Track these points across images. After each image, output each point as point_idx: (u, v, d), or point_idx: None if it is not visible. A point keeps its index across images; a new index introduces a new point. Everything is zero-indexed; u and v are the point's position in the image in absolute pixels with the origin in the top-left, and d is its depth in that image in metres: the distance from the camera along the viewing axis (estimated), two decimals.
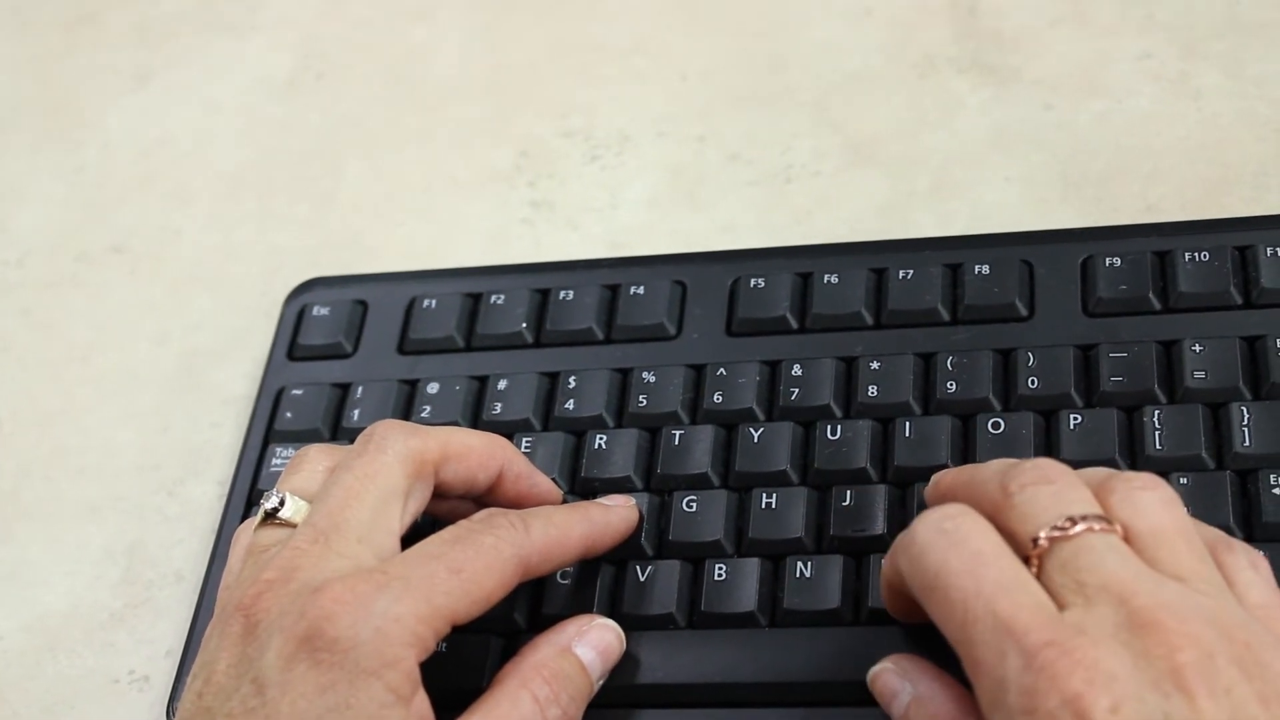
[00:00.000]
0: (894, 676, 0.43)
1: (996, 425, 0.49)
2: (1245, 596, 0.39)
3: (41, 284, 0.69)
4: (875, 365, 0.52)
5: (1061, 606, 0.38)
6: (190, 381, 0.64)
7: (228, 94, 0.74)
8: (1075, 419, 0.49)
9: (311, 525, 0.44)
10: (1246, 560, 0.40)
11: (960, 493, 0.43)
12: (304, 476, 0.47)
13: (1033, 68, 0.64)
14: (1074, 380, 0.50)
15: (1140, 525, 0.40)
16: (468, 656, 0.48)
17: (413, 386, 0.56)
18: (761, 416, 0.52)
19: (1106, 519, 0.39)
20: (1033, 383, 0.50)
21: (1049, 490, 0.40)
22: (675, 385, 0.53)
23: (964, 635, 0.38)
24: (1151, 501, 0.40)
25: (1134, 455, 0.48)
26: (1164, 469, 0.47)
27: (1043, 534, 0.39)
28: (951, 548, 0.39)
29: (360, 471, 0.45)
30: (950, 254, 0.54)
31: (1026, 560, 0.39)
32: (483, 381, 0.56)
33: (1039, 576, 0.39)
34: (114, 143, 0.73)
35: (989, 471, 0.42)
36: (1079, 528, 0.39)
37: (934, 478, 0.46)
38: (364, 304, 0.59)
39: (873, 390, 0.51)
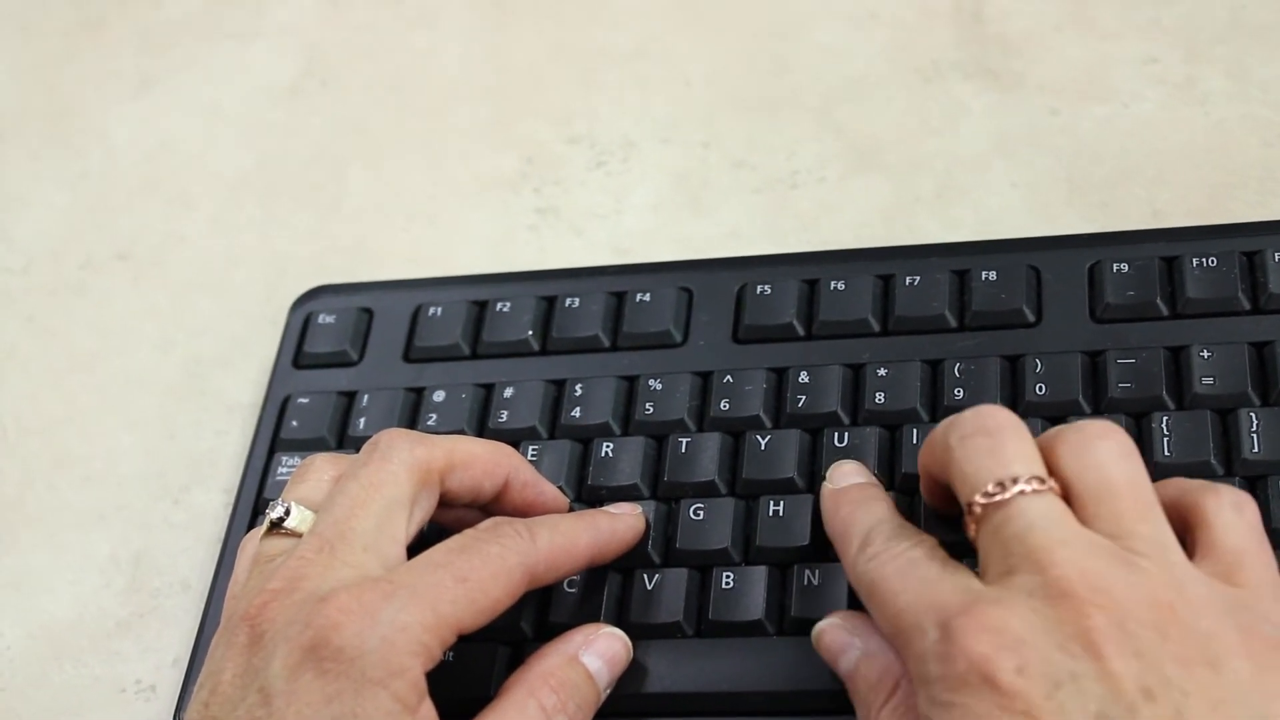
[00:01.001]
0: (842, 632, 0.44)
1: None
2: (1219, 541, 0.39)
3: (45, 291, 0.69)
4: (882, 372, 0.52)
5: (988, 574, 0.39)
6: (195, 389, 0.64)
7: (231, 100, 0.74)
8: None
9: (317, 535, 0.44)
10: (1230, 501, 0.40)
11: (925, 459, 0.44)
12: (309, 486, 0.47)
13: (1037, 72, 0.64)
14: (1082, 387, 0.50)
15: (1085, 479, 0.40)
16: (474, 665, 0.48)
17: (418, 394, 0.56)
18: (768, 424, 0.52)
19: (1040, 477, 0.40)
20: (1040, 389, 0.50)
21: (986, 445, 0.41)
22: (682, 392, 0.53)
23: (894, 627, 0.40)
24: (1103, 451, 0.40)
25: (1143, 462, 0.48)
26: (1173, 475, 0.47)
27: (978, 498, 0.40)
28: (888, 565, 0.41)
29: (366, 480, 0.45)
30: (957, 260, 0.54)
31: (966, 525, 0.40)
32: (489, 389, 0.56)
33: (976, 540, 0.40)
34: (117, 149, 0.73)
35: (941, 426, 0.43)
36: (1012, 491, 0.39)
37: None
38: (369, 311, 0.59)
39: (880, 397, 0.51)
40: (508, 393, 0.55)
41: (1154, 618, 0.36)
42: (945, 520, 0.46)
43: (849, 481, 0.47)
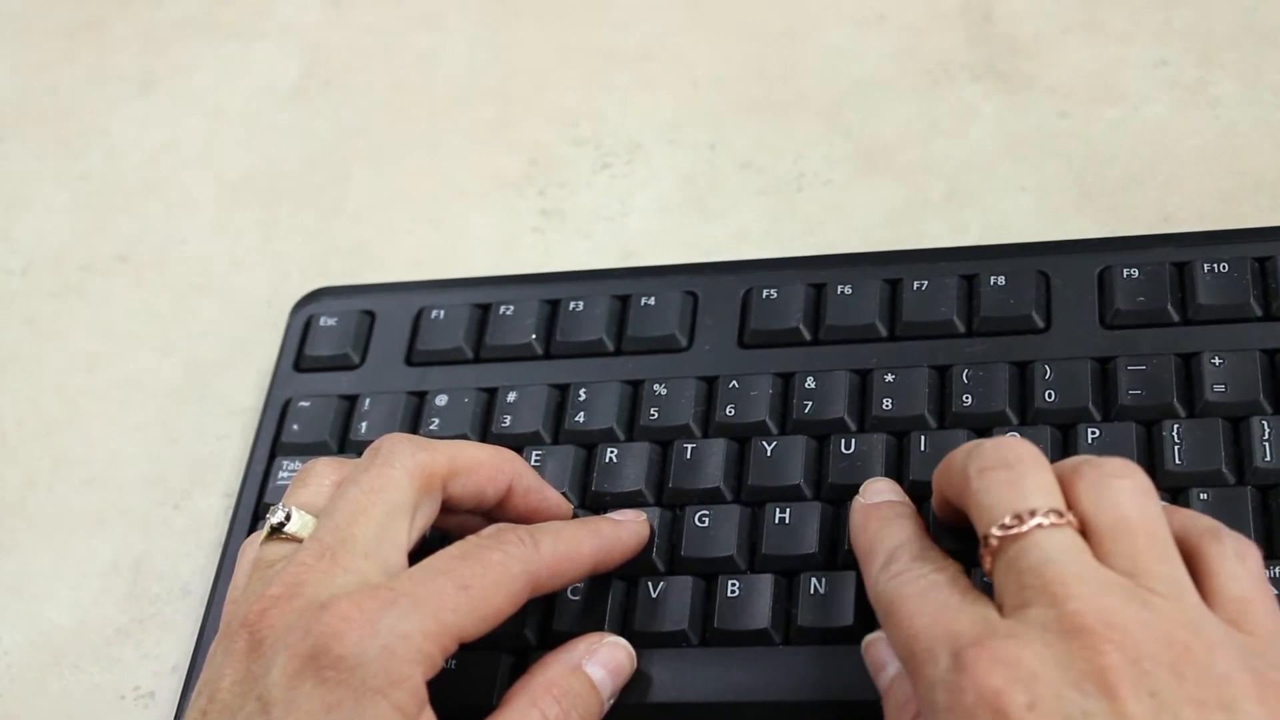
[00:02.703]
0: (884, 648, 0.44)
1: None
2: (1224, 589, 0.39)
3: (46, 293, 0.68)
4: (890, 378, 0.51)
5: (1003, 607, 0.38)
6: (196, 392, 0.63)
7: (233, 101, 0.74)
8: (1093, 433, 0.48)
9: (318, 540, 0.43)
10: (1233, 550, 0.40)
11: (940, 482, 0.44)
12: (310, 490, 0.46)
13: (1047, 75, 0.64)
14: (1092, 394, 0.49)
15: (1102, 517, 0.39)
16: (477, 674, 0.48)
17: (421, 398, 0.56)
18: (774, 430, 0.51)
19: (1059, 511, 0.39)
20: (1050, 396, 0.49)
21: (1006, 478, 0.40)
22: (687, 398, 0.53)
23: (908, 650, 0.39)
24: (1120, 490, 0.40)
25: (1153, 470, 0.47)
26: (1183, 484, 0.47)
27: (995, 530, 0.39)
28: (908, 585, 0.41)
29: (367, 486, 0.44)
30: (965, 265, 0.53)
31: (982, 558, 0.40)
32: (492, 394, 0.55)
33: (992, 573, 0.39)
34: (119, 150, 0.73)
35: (960, 454, 0.42)
36: (1029, 524, 0.39)
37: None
38: (371, 314, 0.59)
39: (887, 403, 0.51)
40: (511, 397, 0.54)
41: (1170, 657, 0.36)
42: (955, 533, 0.45)
43: (881, 498, 0.46)
